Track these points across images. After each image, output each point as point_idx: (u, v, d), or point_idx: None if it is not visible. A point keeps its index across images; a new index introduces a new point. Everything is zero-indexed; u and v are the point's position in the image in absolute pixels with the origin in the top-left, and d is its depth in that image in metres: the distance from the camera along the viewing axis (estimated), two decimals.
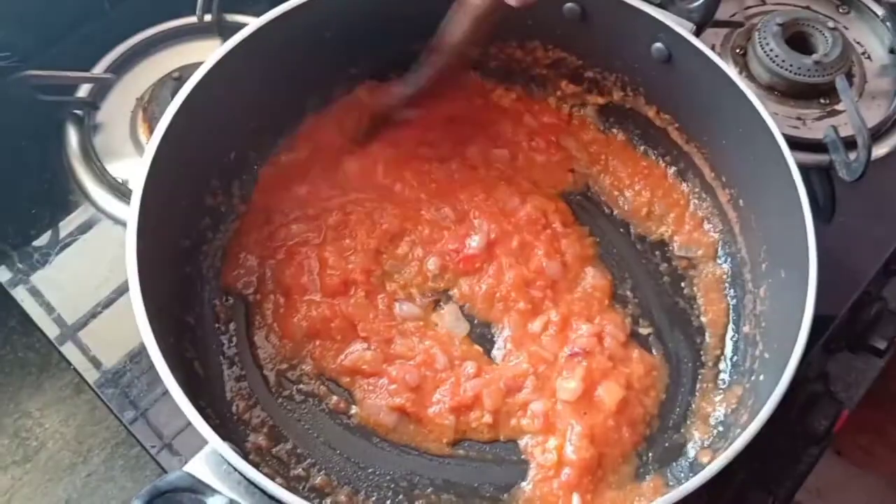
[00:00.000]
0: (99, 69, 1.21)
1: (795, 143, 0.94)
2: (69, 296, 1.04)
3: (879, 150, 1.19)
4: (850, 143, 1.12)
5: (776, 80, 1.23)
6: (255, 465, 0.73)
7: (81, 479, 0.93)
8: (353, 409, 0.96)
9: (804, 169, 0.91)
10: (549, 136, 1.17)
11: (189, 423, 0.91)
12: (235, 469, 0.72)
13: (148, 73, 1.22)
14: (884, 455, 1.82)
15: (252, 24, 0.98)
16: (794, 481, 1.00)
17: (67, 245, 1.09)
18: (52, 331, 1.02)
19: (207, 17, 1.25)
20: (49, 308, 1.04)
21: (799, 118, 1.21)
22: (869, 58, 1.29)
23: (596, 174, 1.15)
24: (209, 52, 0.96)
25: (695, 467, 0.92)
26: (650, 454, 0.95)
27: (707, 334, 1.03)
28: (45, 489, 0.93)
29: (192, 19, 1.26)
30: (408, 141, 1.13)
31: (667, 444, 0.96)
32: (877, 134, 1.20)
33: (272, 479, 0.73)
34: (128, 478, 0.93)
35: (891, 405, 1.46)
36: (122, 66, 1.23)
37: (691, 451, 0.94)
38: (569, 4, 1.06)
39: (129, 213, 0.85)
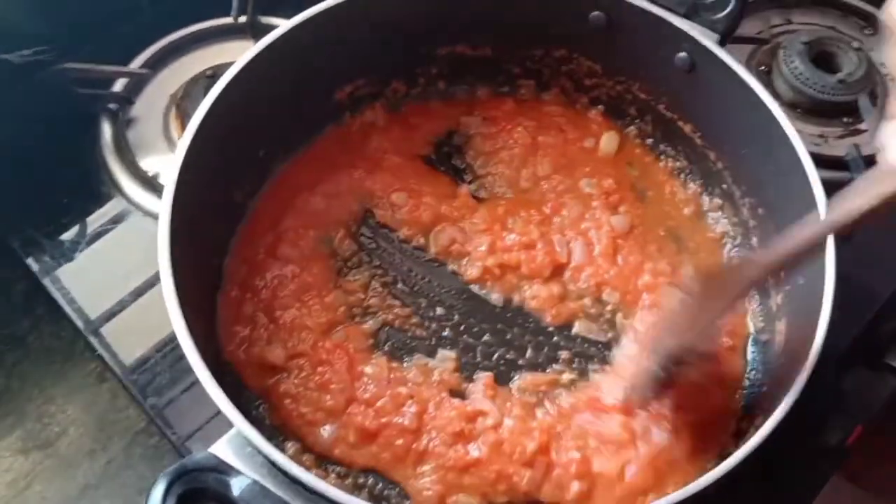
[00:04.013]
0: (135, 65, 1.24)
1: (817, 161, 0.94)
2: (98, 285, 1.06)
3: None
4: (871, 162, 1.12)
5: (800, 97, 1.24)
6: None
7: (101, 465, 0.94)
8: None
9: (825, 186, 0.91)
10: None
11: (210, 417, 0.94)
12: (259, 451, 0.73)
13: (182, 70, 1.24)
14: None
15: (283, 25, 1.00)
16: (805, 496, 0.99)
17: (98, 236, 1.10)
18: (80, 320, 1.03)
19: (242, 19, 1.28)
20: (78, 297, 1.05)
21: (821, 136, 1.22)
22: (893, 79, 1.30)
23: None
24: (242, 53, 0.98)
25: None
26: None
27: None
28: (64, 474, 0.94)
29: (228, 20, 1.29)
30: None
31: None
32: None
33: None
34: (146, 466, 0.94)
35: None
36: (157, 63, 1.25)
37: None
38: (595, 13, 1.07)
39: (162, 206, 0.86)
